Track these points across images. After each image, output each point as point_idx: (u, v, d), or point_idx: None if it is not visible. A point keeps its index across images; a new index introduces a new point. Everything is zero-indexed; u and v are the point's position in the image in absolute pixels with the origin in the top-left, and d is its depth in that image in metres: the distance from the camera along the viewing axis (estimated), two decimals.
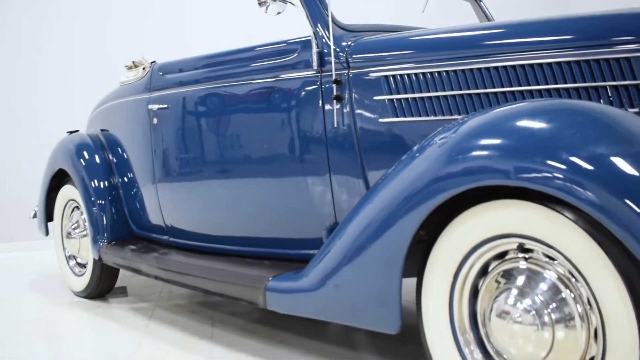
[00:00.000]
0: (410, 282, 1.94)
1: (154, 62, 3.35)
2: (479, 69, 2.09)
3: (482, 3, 3.36)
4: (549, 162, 1.51)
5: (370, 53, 2.35)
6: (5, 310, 3.71)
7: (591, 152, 1.48)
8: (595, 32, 1.93)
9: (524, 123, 1.65)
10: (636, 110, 1.79)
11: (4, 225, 5.63)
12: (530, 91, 2.00)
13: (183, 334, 2.98)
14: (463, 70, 2.13)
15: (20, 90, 5.69)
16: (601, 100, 1.87)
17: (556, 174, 1.48)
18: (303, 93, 2.49)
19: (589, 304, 1.53)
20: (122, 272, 3.77)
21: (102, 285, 3.72)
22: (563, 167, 1.48)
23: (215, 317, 3.21)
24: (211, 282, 2.64)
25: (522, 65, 2.01)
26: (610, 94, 1.87)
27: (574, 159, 1.47)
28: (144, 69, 3.36)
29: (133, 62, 3.54)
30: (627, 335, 1.45)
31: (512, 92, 2.03)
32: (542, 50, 1.98)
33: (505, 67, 2.04)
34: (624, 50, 1.85)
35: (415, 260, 1.88)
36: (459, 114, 2.11)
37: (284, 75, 2.57)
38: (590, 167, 1.45)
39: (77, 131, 4.02)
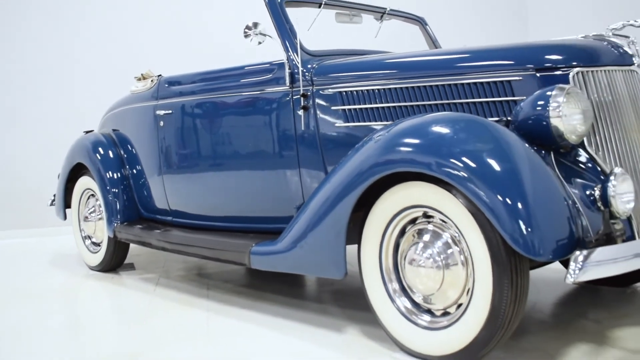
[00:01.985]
0: (352, 248, 2.67)
1: (160, 75, 4.06)
2: (407, 87, 2.83)
3: (428, 27, 4.10)
4: (438, 156, 2.23)
5: (329, 75, 3.08)
6: (31, 280, 4.38)
7: (463, 149, 2.21)
8: (487, 62, 2.67)
9: (428, 129, 2.38)
10: (510, 118, 2.52)
11: (22, 213, 6.28)
12: (442, 104, 2.73)
13: (185, 295, 3.70)
14: (396, 88, 2.86)
15: (37, 94, 6.34)
16: (501, 111, 2.61)
17: (442, 165, 2.21)
18: (278, 103, 3.23)
19: (467, 253, 2.27)
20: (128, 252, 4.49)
21: (114, 261, 4.41)
22: (446, 159, 2.21)
23: (210, 283, 3.94)
24: (208, 250, 3.37)
25: (437, 85, 2.75)
26: (496, 107, 2.61)
27: (452, 154, 2.20)
28: (152, 81, 4.07)
29: (142, 74, 4.24)
30: (486, 272, 2.17)
31: (424, 106, 2.77)
32: (451, 75, 2.72)
33: (425, 86, 2.78)
34: (507, 73, 2.59)
35: (356, 231, 2.61)
36: (392, 120, 2.84)
37: (264, 89, 3.30)
38: (462, 159, 2.17)
39: (92, 131, 4.72)
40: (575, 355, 2.44)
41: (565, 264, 2.11)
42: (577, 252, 2.03)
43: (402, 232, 2.50)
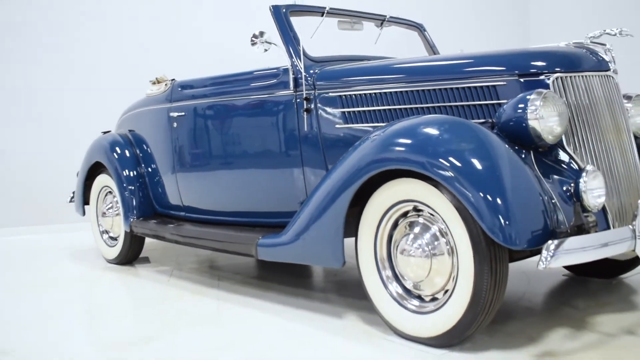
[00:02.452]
0: (351, 241, 2.90)
1: (174, 79, 4.31)
2: (401, 92, 3.05)
3: (426, 33, 4.31)
4: (427, 156, 2.45)
5: (329, 80, 3.32)
6: (52, 272, 4.63)
7: (448, 149, 2.43)
8: (474, 68, 2.89)
9: (418, 130, 2.60)
10: (494, 120, 2.73)
11: (42, 210, 6.55)
12: (433, 107, 2.95)
13: (197, 285, 3.94)
14: (391, 92, 3.09)
15: (56, 97, 6.60)
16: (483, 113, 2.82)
17: (430, 164, 2.43)
18: (283, 106, 3.46)
19: (452, 243, 2.49)
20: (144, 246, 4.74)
21: (131, 254, 4.65)
22: (434, 159, 2.42)
23: (221, 275, 4.18)
24: (218, 242, 3.61)
25: (429, 90, 2.97)
26: (482, 109, 2.83)
27: (439, 154, 2.42)
28: (165, 84, 4.32)
29: (156, 78, 4.49)
30: (468, 261, 2.39)
31: (417, 108, 2.99)
32: (441, 80, 2.94)
33: (417, 90, 3.00)
34: (493, 79, 2.81)
35: (354, 225, 2.83)
36: (386, 122, 3.06)
37: (271, 93, 3.53)
38: (448, 159, 2.39)
39: (109, 131, 4.97)
40: (555, 337, 2.65)
41: None
42: (550, 242, 2.25)
43: (395, 225, 2.72)
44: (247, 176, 3.72)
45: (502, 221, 2.27)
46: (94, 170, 4.91)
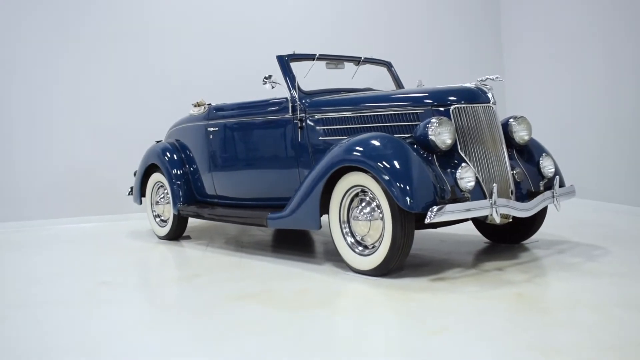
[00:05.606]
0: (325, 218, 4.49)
1: (210, 104, 5.94)
2: (359, 116, 4.64)
3: (393, 69, 5.89)
4: (370, 159, 4.02)
5: (315, 107, 4.91)
6: (119, 245, 6.23)
7: (380, 154, 3.99)
8: (406, 101, 4.47)
9: (368, 142, 4.17)
10: (412, 134, 4.29)
11: (103, 202, 8.14)
12: (379, 126, 4.53)
13: (225, 250, 5.55)
14: (353, 116, 4.68)
15: (115, 112, 8.14)
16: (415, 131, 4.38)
17: (371, 164, 4.00)
18: (285, 125, 5.07)
19: (382, 213, 4.05)
20: (186, 227, 6.35)
21: (177, 232, 6.23)
22: (373, 161, 3.99)
23: (243, 245, 5.79)
24: (241, 218, 5.23)
25: (377, 115, 4.55)
26: (410, 128, 4.39)
27: (375, 157, 4.00)
28: (204, 107, 5.95)
29: (197, 102, 6.12)
30: (389, 222, 3.96)
31: (369, 127, 4.57)
32: (384, 108, 4.53)
33: (370, 115, 4.59)
34: (416, 108, 4.38)
35: (326, 204, 4.42)
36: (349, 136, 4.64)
37: (277, 115, 5.14)
38: (381, 160, 3.95)
39: (160, 141, 6.61)
40: (449, 271, 4.20)
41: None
42: (433, 207, 3.81)
43: (351, 200, 4.30)
44: (261, 173, 5.35)
45: (408, 198, 3.84)
46: (149, 170, 6.53)
